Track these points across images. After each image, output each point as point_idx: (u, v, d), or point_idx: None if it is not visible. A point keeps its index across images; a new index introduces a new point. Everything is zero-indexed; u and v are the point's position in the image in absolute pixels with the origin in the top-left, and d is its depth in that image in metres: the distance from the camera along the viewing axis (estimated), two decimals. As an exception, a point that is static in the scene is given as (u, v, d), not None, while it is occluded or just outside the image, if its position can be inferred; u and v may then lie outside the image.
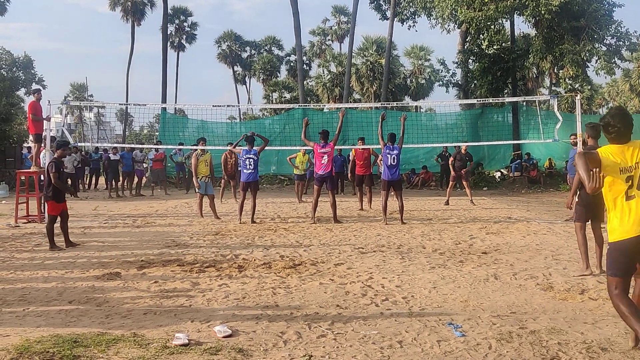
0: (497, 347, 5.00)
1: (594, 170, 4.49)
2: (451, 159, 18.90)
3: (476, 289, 7.12)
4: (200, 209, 14.82)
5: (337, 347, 5.04)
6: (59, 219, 10.39)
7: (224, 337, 5.24)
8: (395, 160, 13.34)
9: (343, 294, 6.87)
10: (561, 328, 5.49)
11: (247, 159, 13.64)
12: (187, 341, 5.07)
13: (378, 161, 17.18)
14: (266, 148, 14.77)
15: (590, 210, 8.06)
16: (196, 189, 14.82)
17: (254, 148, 13.78)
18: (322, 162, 13.54)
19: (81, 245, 10.48)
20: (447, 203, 17.56)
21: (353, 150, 17.95)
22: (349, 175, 18.40)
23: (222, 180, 18.82)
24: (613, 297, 4.76)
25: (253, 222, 13.50)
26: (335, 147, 16.48)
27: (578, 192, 8.22)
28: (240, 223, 13.42)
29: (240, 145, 14.19)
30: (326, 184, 13.79)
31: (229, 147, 15.97)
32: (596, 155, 4.68)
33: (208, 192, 14.65)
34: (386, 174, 13.43)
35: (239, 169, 18.06)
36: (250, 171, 13.62)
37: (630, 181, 4.63)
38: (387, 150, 13.42)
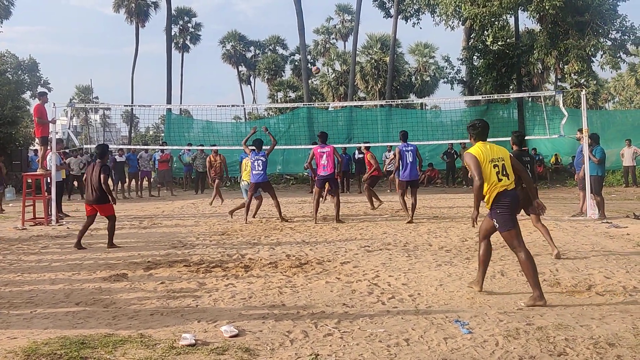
0: (504, 343, 4.99)
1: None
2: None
3: (483, 285, 7.10)
4: (247, 212, 14.31)
5: (344, 345, 5.04)
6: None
7: (230, 336, 5.25)
8: (412, 158, 13.25)
9: (349, 293, 6.87)
10: (568, 324, 5.48)
11: (256, 161, 13.66)
12: (194, 341, 5.07)
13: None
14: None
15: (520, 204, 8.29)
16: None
17: (263, 150, 13.81)
18: (322, 162, 13.45)
19: (88, 247, 10.50)
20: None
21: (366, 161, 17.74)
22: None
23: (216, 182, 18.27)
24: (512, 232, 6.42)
25: (283, 220, 13.71)
26: (341, 146, 16.49)
27: None
28: (246, 223, 13.43)
29: (248, 145, 14.17)
30: (329, 184, 13.74)
31: (242, 145, 15.29)
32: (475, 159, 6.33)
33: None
34: (404, 173, 13.37)
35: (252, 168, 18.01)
36: (259, 172, 13.64)
37: (496, 167, 6.30)
38: (404, 148, 13.36)
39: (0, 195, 18.09)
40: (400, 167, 13.46)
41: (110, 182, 10.95)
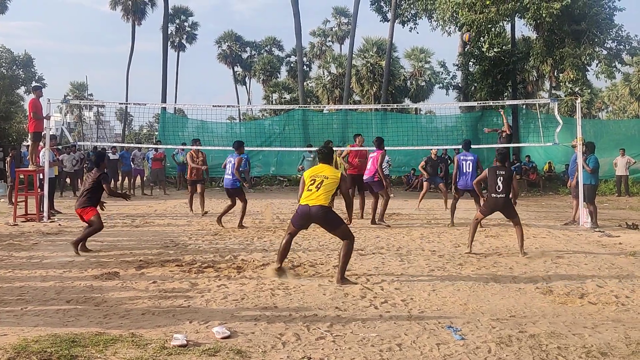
0: (497, 350, 4.99)
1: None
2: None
3: (475, 292, 7.11)
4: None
5: (336, 349, 5.02)
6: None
7: (222, 338, 5.23)
8: (471, 167, 13.05)
9: (342, 296, 6.86)
10: (561, 332, 5.48)
11: (229, 163, 12.96)
12: (185, 342, 5.05)
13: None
14: (265, 149, 14.68)
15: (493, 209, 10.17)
16: None
17: (238, 153, 12.94)
18: (368, 166, 13.58)
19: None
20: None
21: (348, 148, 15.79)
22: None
23: (189, 187, 15.84)
24: (286, 235, 7.96)
25: (241, 227, 12.79)
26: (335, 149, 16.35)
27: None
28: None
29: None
30: (372, 188, 13.65)
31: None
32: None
33: None
34: (462, 182, 13.15)
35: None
36: (227, 177, 12.95)
37: (313, 180, 7.67)
38: (462, 157, 13.30)
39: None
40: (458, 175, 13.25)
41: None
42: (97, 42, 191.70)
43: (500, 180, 9.84)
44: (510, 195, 9.95)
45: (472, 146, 13.72)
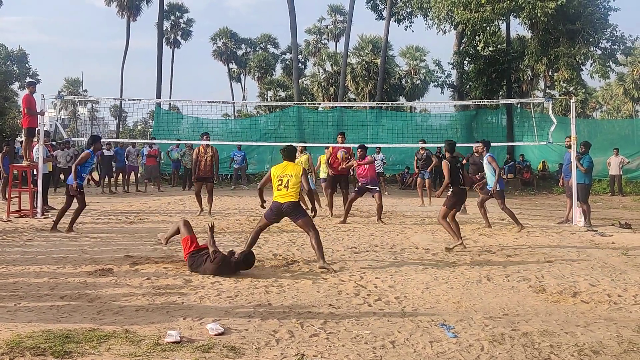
0: (490, 348, 5.01)
1: None
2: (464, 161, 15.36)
3: (469, 290, 7.13)
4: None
5: (330, 346, 5.03)
6: None
7: (216, 334, 5.23)
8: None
9: (336, 293, 6.87)
10: (553, 330, 5.50)
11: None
12: (179, 338, 5.05)
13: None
14: (260, 144, 14.67)
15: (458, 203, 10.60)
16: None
17: (92, 149, 11.80)
18: (360, 172, 13.85)
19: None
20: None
21: (330, 148, 15.31)
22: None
23: (195, 185, 15.03)
24: (256, 228, 8.92)
25: (69, 230, 11.64)
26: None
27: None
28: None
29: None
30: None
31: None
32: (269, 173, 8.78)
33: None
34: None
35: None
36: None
37: (280, 181, 8.45)
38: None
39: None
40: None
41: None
42: (92, 38, 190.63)
43: (460, 172, 10.14)
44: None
45: (468, 145, 13.72)
